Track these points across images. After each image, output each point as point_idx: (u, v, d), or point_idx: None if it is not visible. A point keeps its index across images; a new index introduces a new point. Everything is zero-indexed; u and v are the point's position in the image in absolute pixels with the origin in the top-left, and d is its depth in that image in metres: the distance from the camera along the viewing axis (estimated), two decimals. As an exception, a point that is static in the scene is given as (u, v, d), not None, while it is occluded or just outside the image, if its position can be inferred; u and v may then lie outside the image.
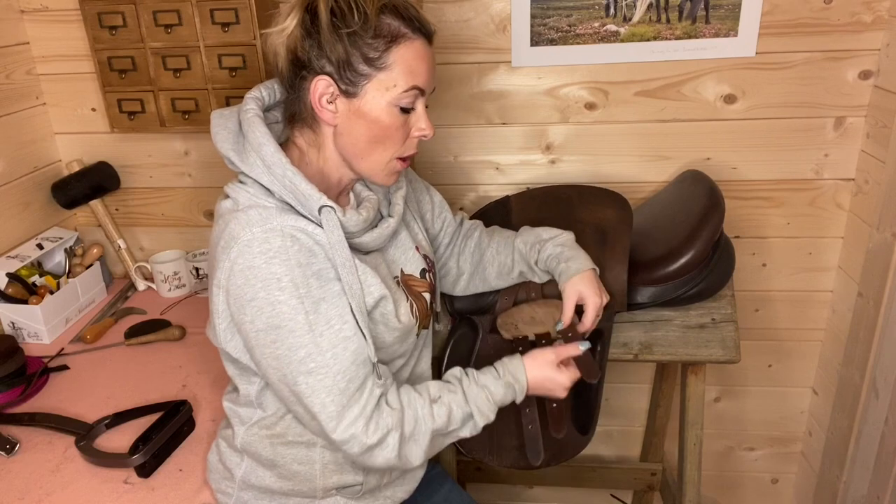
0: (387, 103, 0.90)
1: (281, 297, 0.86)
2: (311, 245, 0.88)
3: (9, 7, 1.53)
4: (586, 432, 1.24)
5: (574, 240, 1.17)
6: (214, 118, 0.96)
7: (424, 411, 0.93)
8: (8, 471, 1.13)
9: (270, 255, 0.86)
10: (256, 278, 0.86)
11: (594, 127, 1.52)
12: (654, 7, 1.39)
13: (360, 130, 0.91)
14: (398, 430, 0.91)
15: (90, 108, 1.63)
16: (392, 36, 0.88)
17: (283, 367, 0.89)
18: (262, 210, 0.88)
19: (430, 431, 0.93)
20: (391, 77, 0.89)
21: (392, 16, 0.88)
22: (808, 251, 1.58)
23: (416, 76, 0.90)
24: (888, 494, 1.41)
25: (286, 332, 0.87)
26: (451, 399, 0.95)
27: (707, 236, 1.23)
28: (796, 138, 1.48)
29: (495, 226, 1.27)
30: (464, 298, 1.25)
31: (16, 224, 1.55)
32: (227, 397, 1.07)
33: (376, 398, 0.91)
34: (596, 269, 1.14)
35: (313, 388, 0.88)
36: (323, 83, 0.89)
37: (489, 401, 0.97)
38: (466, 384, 0.98)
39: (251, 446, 1.02)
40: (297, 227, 0.88)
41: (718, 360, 1.26)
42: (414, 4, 0.91)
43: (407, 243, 1.06)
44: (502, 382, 0.99)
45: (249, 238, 0.86)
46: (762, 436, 1.81)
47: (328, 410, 0.88)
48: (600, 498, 1.95)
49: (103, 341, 1.49)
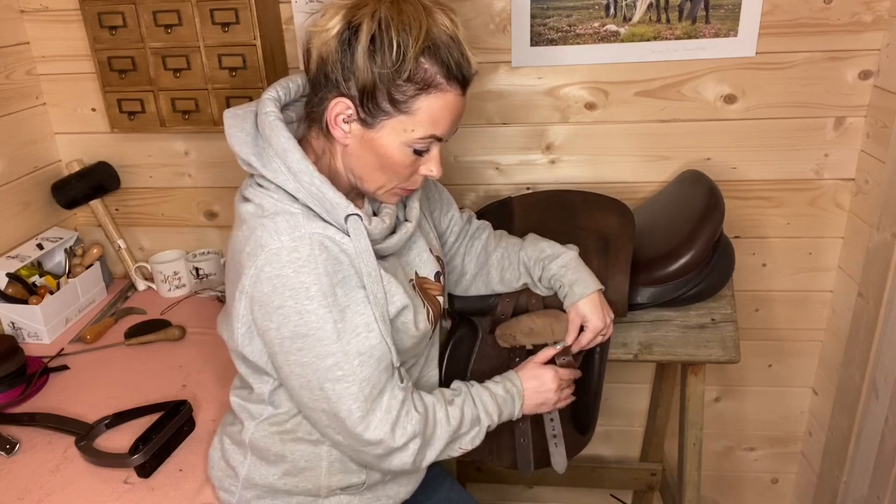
0: (400, 143, 0.89)
1: (309, 307, 0.86)
2: (337, 253, 0.88)
3: (9, 7, 1.53)
4: (585, 433, 1.24)
5: (577, 256, 1.16)
6: (228, 119, 0.94)
7: (441, 415, 0.97)
8: (8, 471, 1.13)
9: (300, 264, 0.85)
10: (285, 287, 0.86)
11: (594, 127, 1.52)
12: (654, 7, 1.39)
13: (369, 158, 0.91)
14: (421, 437, 0.94)
15: (90, 108, 1.63)
16: (424, 84, 0.85)
17: (309, 373, 0.89)
18: (290, 217, 0.88)
19: (446, 435, 0.96)
20: (412, 122, 0.87)
21: (432, 60, 0.85)
22: (808, 251, 1.58)
23: (437, 126, 0.89)
24: (888, 494, 1.41)
25: (314, 341, 0.88)
26: (461, 401, 1.00)
27: (707, 236, 1.23)
28: (796, 138, 1.48)
29: (503, 230, 1.26)
30: (465, 299, 1.25)
31: (16, 224, 1.55)
32: (237, 393, 1.07)
33: (400, 402, 0.93)
34: (601, 288, 1.14)
35: (340, 395, 0.89)
36: (342, 105, 0.87)
37: (493, 400, 1.02)
38: (471, 388, 1.03)
39: (259, 441, 1.02)
40: (326, 234, 0.88)
41: (718, 361, 1.26)
42: (460, 44, 0.87)
43: (422, 245, 1.06)
44: (501, 386, 1.05)
45: (278, 247, 0.86)
46: (762, 436, 1.81)
47: (354, 416, 0.90)
48: (600, 498, 1.95)
49: (103, 341, 1.49)
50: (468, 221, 1.25)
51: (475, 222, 1.26)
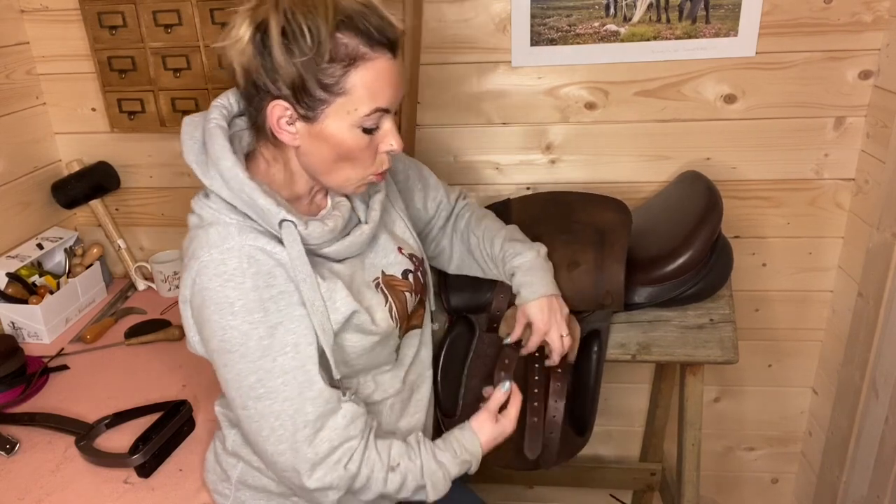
0: (349, 126, 0.85)
1: (233, 322, 0.84)
2: (270, 267, 0.86)
3: (9, 7, 1.53)
4: (583, 433, 1.24)
5: (539, 257, 1.14)
6: (185, 125, 0.93)
7: (379, 475, 0.90)
8: (8, 471, 1.13)
9: (225, 278, 0.84)
10: (211, 300, 0.84)
11: (594, 127, 1.52)
12: (654, 7, 1.39)
13: (324, 152, 0.88)
14: (340, 492, 0.89)
15: (90, 108, 1.63)
16: (349, 59, 0.82)
17: (233, 391, 0.88)
18: (222, 228, 0.86)
19: (378, 492, 0.91)
20: (351, 101, 0.84)
21: (349, 33, 0.81)
22: (808, 251, 1.58)
23: (377, 98, 0.85)
24: (888, 494, 1.41)
25: (237, 357, 0.85)
26: (407, 468, 0.92)
27: (705, 236, 1.23)
28: (796, 138, 1.48)
29: (489, 212, 1.25)
30: (460, 296, 1.25)
31: (16, 224, 1.55)
32: (220, 402, 1.07)
33: (332, 447, 0.88)
34: (554, 294, 1.13)
35: (262, 414, 0.87)
36: (280, 107, 0.84)
37: (445, 479, 0.95)
38: (425, 457, 0.94)
39: (241, 448, 1.02)
40: (257, 246, 0.85)
41: (716, 361, 1.26)
42: (376, 8, 0.83)
43: (388, 247, 1.04)
44: (459, 461, 0.96)
45: (208, 259, 0.85)
46: (762, 436, 1.81)
47: (277, 434, 0.87)
48: (600, 498, 1.95)
49: (103, 341, 1.49)
50: (456, 201, 1.24)
51: (460, 203, 1.24)
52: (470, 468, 0.99)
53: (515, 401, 1.04)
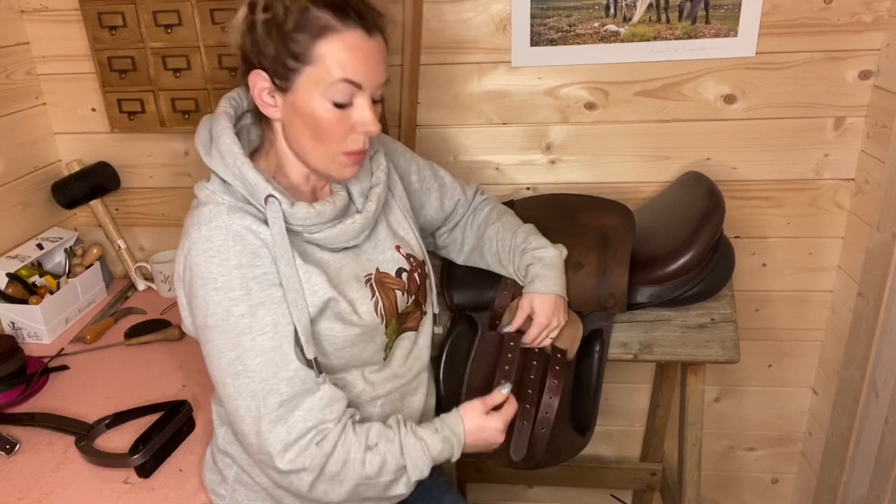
0: (319, 97, 0.88)
1: (216, 298, 0.87)
2: (256, 247, 0.88)
3: (9, 7, 1.53)
4: (584, 433, 1.24)
5: (560, 257, 1.16)
6: (202, 121, 0.98)
7: (356, 456, 0.90)
8: (8, 471, 1.13)
9: (210, 254, 0.87)
10: (197, 276, 0.87)
11: (594, 127, 1.52)
12: (654, 7, 1.39)
13: (300, 126, 0.91)
14: (314, 473, 0.88)
15: (90, 108, 1.63)
16: (318, 30, 0.85)
17: (213, 367, 0.90)
18: (214, 207, 0.90)
19: (357, 476, 0.90)
20: (319, 70, 0.87)
21: (324, 8, 0.85)
22: (808, 251, 1.58)
23: (346, 69, 0.87)
24: (888, 494, 1.41)
25: (219, 333, 0.87)
26: (386, 448, 0.91)
27: (707, 237, 1.23)
28: (796, 138, 1.48)
29: (509, 209, 1.27)
30: (463, 293, 1.25)
31: (16, 224, 1.55)
32: (214, 397, 1.08)
33: (307, 427, 0.88)
34: (562, 297, 1.14)
35: (240, 391, 0.88)
36: (259, 78, 0.89)
37: (425, 454, 0.93)
38: (404, 434, 0.94)
39: (231, 446, 1.02)
40: (244, 225, 0.88)
41: (718, 361, 1.26)
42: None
43: (386, 243, 1.04)
44: (440, 437, 0.95)
45: (196, 236, 0.88)
46: (762, 436, 1.81)
47: (252, 414, 0.87)
48: (600, 498, 1.95)
49: (103, 341, 1.49)
50: (474, 196, 1.26)
51: (479, 197, 1.27)
52: (452, 451, 0.97)
53: (510, 407, 1.04)
